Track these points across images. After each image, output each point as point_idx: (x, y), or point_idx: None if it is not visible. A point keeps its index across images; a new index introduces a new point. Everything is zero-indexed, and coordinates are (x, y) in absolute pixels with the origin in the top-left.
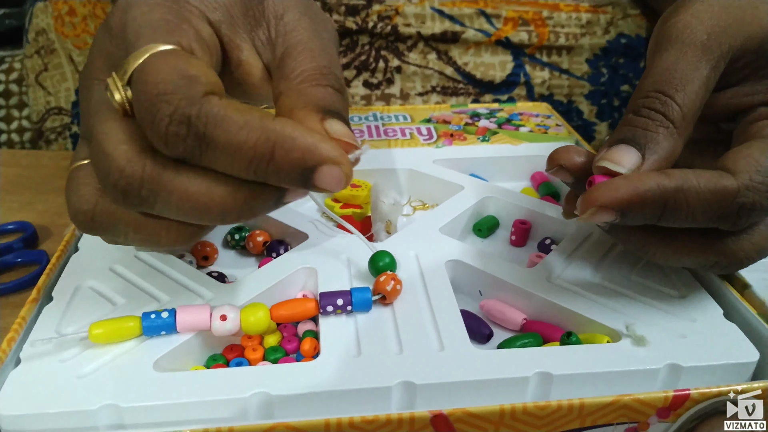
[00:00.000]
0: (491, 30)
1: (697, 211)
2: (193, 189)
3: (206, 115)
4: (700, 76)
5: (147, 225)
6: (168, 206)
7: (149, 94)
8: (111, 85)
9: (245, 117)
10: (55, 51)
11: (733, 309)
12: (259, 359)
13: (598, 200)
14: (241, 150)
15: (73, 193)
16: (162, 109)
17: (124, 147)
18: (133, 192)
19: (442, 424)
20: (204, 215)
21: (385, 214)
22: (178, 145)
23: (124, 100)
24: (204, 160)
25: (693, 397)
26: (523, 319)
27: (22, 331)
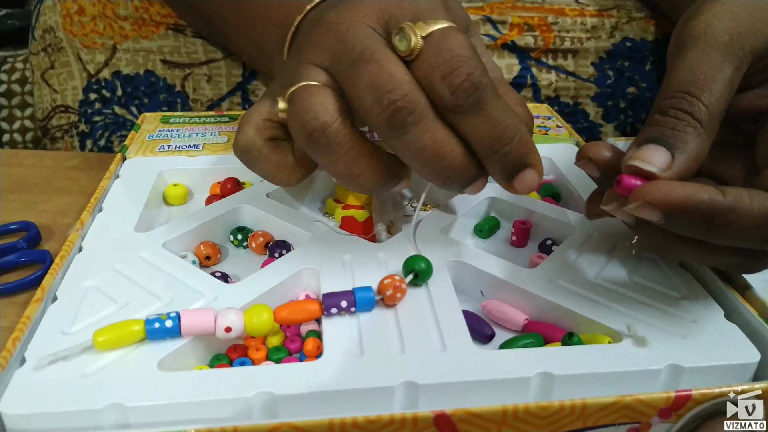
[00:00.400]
0: (497, 34)
1: (745, 233)
2: (442, 136)
3: (490, 88)
4: (724, 76)
5: (362, 161)
6: (416, 141)
7: (453, 52)
8: (408, 30)
9: (507, 104)
10: (62, 49)
11: (734, 310)
12: (262, 359)
13: (648, 195)
14: (497, 126)
15: (318, 103)
16: (463, 67)
17: (408, 78)
18: (403, 115)
19: (445, 423)
20: (431, 162)
21: (388, 214)
22: (460, 98)
23: (417, 46)
24: (465, 119)
25: (694, 398)
26: (525, 319)
27: (26, 331)
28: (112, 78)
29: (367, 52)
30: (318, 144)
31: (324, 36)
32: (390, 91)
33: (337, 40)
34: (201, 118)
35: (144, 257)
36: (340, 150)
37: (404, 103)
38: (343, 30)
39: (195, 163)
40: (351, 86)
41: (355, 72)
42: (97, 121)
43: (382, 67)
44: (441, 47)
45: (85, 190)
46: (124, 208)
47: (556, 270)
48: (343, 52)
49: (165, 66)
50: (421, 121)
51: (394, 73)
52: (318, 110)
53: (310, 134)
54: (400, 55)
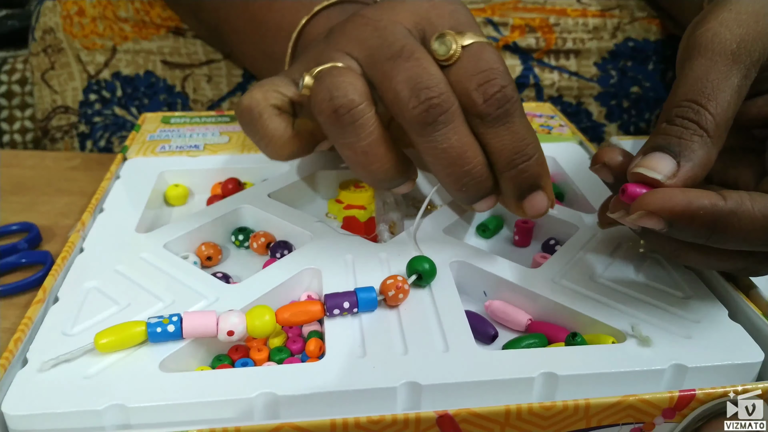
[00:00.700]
0: (498, 36)
1: (748, 236)
2: (469, 140)
3: (519, 103)
4: (732, 85)
5: (380, 147)
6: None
7: (491, 64)
8: (449, 38)
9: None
10: (62, 50)
11: (737, 309)
12: (264, 360)
13: (650, 205)
14: (520, 141)
15: (348, 83)
16: (498, 79)
17: (444, 79)
18: (437, 113)
19: (448, 424)
20: (453, 163)
21: (389, 214)
22: (491, 107)
23: (456, 53)
24: (491, 128)
25: (698, 398)
26: (528, 319)
27: (28, 332)
28: (112, 79)
29: (407, 50)
30: (342, 121)
31: (360, 29)
32: (428, 87)
33: (375, 35)
34: (202, 118)
35: (145, 258)
36: (362, 132)
37: (439, 101)
38: (381, 26)
39: (196, 163)
40: (386, 79)
41: (393, 66)
42: (97, 121)
43: (421, 64)
44: (479, 57)
45: (86, 190)
46: (125, 209)
47: (559, 270)
48: (381, 47)
49: (165, 67)
50: (451, 122)
51: (433, 72)
52: (348, 88)
53: (336, 109)
54: (437, 58)
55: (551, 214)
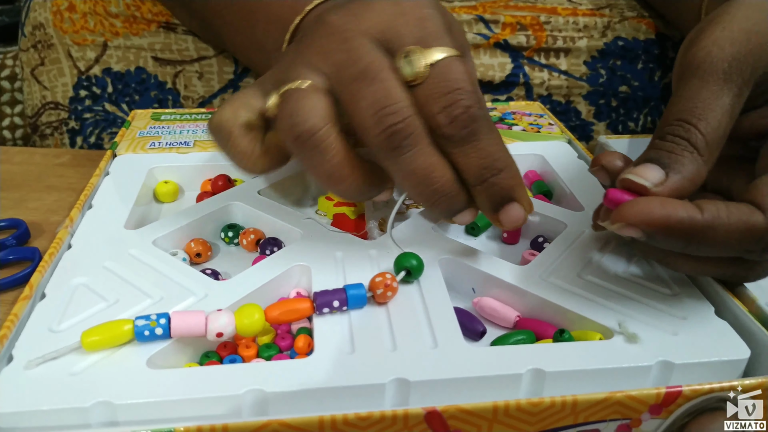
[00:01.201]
0: (489, 34)
1: (722, 246)
2: (435, 161)
3: (485, 122)
4: (723, 104)
5: (347, 166)
6: (409, 163)
7: (457, 84)
8: (416, 56)
9: (500, 138)
10: (53, 46)
11: (724, 306)
12: (252, 356)
13: (628, 218)
14: (487, 157)
15: (310, 107)
16: (463, 100)
17: (409, 103)
18: (401, 137)
19: (436, 420)
20: (422, 184)
21: (379, 212)
22: (456, 129)
23: (421, 73)
24: (457, 148)
25: (685, 394)
26: (516, 316)
27: (14, 328)
28: (102, 75)
29: (371, 70)
30: (304, 147)
31: (326, 40)
32: (392, 113)
33: (341, 48)
34: (192, 115)
35: (134, 254)
36: (325, 155)
37: (403, 126)
38: (347, 38)
39: (186, 160)
40: (351, 101)
41: (357, 88)
42: (88, 118)
43: (385, 87)
44: (445, 78)
45: (75, 187)
46: (114, 206)
47: (547, 267)
48: (346, 64)
49: (156, 63)
50: (416, 145)
51: (396, 95)
52: (309, 113)
53: (297, 136)
54: (402, 78)
55: (541, 212)
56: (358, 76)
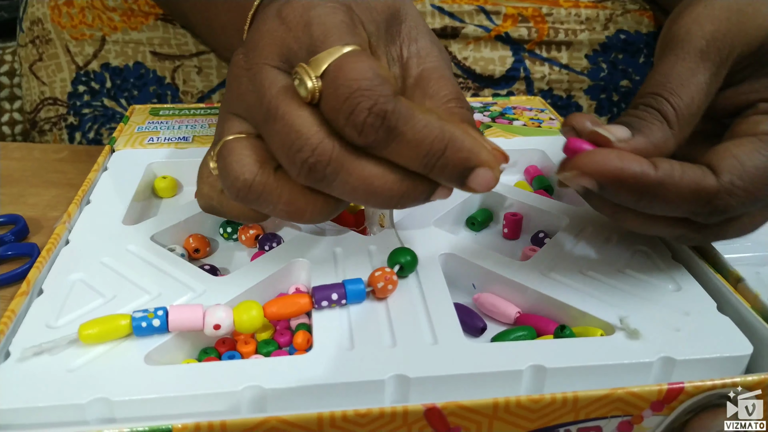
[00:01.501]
0: (491, 26)
1: (672, 205)
2: (368, 173)
3: (399, 111)
4: (698, 81)
5: (298, 200)
6: (344, 186)
7: (351, 87)
8: (302, 74)
9: (427, 117)
10: (51, 41)
11: (726, 302)
12: (251, 353)
13: (583, 166)
14: (421, 145)
15: (236, 162)
16: (363, 102)
17: (316, 129)
18: (320, 169)
19: (436, 417)
20: (371, 198)
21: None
22: (370, 135)
23: (315, 89)
24: (386, 151)
25: (687, 391)
26: (517, 312)
27: (11, 324)
28: (101, 70)
29: (272, 108)
30: (249, 200)
31: (236, 83)
32: (299, 150)
33: (250, 89)
34: (191, 110)
35: (132, 250)
36: (271, 199)
37: (316, 158)
38: (252, 75)
39: (184, 155)
40: (269, 145)
41: (267, 131)
42: (86, 113)
43: (286, 123)
44: (337, 85)
45: (74, 183)
46: (112, 201)
47: (548, 263)
48: (255, 106)
49: (155, 58)
50: (341, 168)
51: (299, 127)
52: (236, 168)
53: (237, 194)
54: (304, 100)
55: (542, 207)
56: (266, 118)
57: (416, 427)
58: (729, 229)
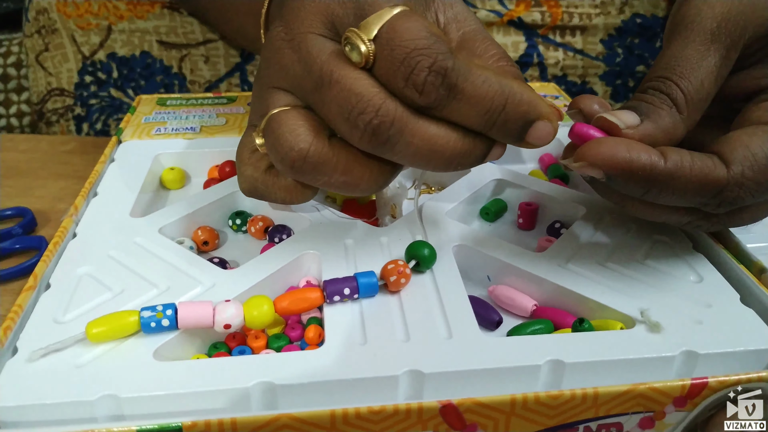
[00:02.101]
0: (503, 11)
1: (680, 196)
2: (432, 133)
3: (458, 68)
4: (708, 64)
5: (354, 168)
6: (407, 147)
7: (407, 48)
8: (354, 38)
9: (486, 73)
10: (56, 31)
11: (750, 294)
12: (262, 347)
13: (591, 157)
14: (482, 101)
15: (289, 132)
16: (422, 61)
17: (376, 90)
18: (384, 130)
19: (452, 414)
20: (432, 159)
21: (390, 198)
22: (431, 94)
23: (369, 53)
24: (446, 109)
25: (711, 386)
26: (534, 305)
27: (18, 320)
28: (107, 60)
29: (326, 74)
30: (304, 171)
31: (280, 54)
32: (362, 112)
33: (295, 59)
34: (198, 99)
35: (140, 243)
36: (327, 169)
37: (380, 119)
38: (296, 46)
39: (192, 146)
40: (323, 113)
41: (321, 98)
42: (93, 104)
43: (344, 87)
44: (393, 46)
45: (82, 174)
46: (120, 193)
47: (565, 254)
48: (303, 76)
49: (161, 47)
50: (404, 128)
51: (359, 89)
52: (290, 139)
53: (291, 165)
54: (357, 65)
55: (557, 197)
56: (317, 86)
57: (431, 424)
58: (737, 218)
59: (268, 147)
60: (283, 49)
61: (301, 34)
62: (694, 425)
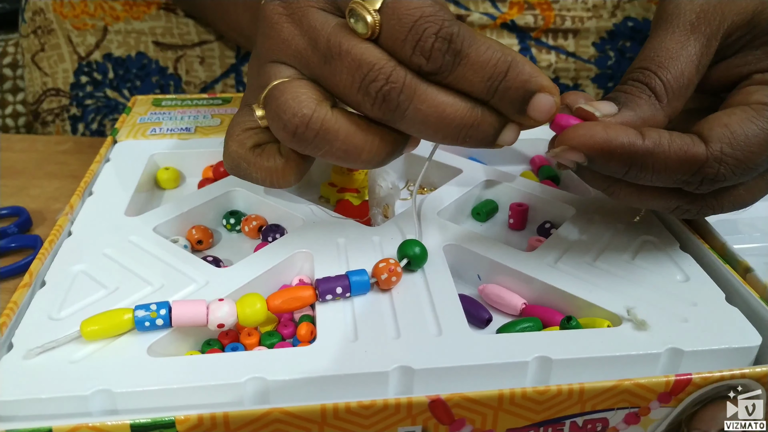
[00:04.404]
0: (496, 13)
1: (661, 175)
2: (441, 100)
3: (464, 34)
4: (688, 53)
5: (356, 136)
6: (416, 114)
7: (414, 15)
8: (359, 10)
9: (489, 40)
10: (53, 31)
11: (735, 293)
12: (254, 344)
13: (570, 141)
14: (485, 66)
15: (292, 99)
16: (429, 28)
17: (385, 58)
18: (393, 96)
19: (440, 409)
20: (441, 127)
21: (383, 198)
22: (438, 60)
23: (375, 23)
24: (451, 75)
25: (695, 382)
26: (523, 303)
27: (14, 316)
28: (103, 60)
29: (334, 46)
30: (305, 139)
31: (276, 29)
32: (372, 80)
33: (296, 33)
34: (193, 100)
35: (134, 241)
36: (329, 136)
37: (389, 87)
38: (297, 20)
39: (187, 146)
40: (331, 84)
41: (329, 71)
42: (89, 104)
43: (354, 57)
44: (400, 15)
45: (77, 174)
46: (115, 192)
47: (554, 253)
48: (308, 49)
49: (157, 48)
50: (413, 95)
51: (369, 58)
52: (293, 105)
53: (294, 132)
54: (362, 36)
55: (548, 198)
56: (324, 57)
57: (420, 419)
58: (725, 201)
59: (269, 116)
60: (282, 24)
61: (301, 8)
62: (678, 421)
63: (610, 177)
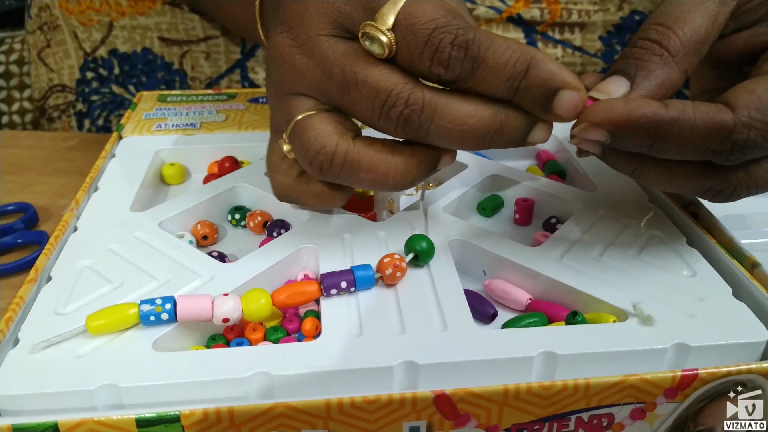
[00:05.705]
0: (502, 7)
1: (688, 145)
2: (462, 112)
3: (479, 39)
4: (705, 9)
5: (379, 164)
6: (439, 130)
7: (428, 28)
8: (373, 31)
9: (507, 41)
10: (58, 27)
11: (742, 288)
12: (259, 339)
13: (591, 117)
14: (504, 67)
15: (315, 137)
16: (444, 38)
17: (402, 81)
18: (415, 118)
19: (445, 404)
20: (467, 138)
21: (388, 193)
22: (456, 68)
23: (391, 42)
24: (471, 80)
25: (701, 378)
26: (528, 298)
27: (20, 311)
28: (109, 56)
29: (349, 76)
30: (332, 173)
31: (290, 62)
32: (393, 105)
33: (310, 64)
34: (198, 96)
35: (140, 237)
36: (353, 168)
37: (410, 109)
38: (309, 50)
39: (192, 141)
40: (353, 112)
41: (348, 100)
42: (95, 100)
43: (371, 85)
44: (415, 31)
45: (83, 170)
46: (120, 188)
47: (560, 249)
48: (324, 81)
49: (162, 43)
50: (434, 113)
51: (385, 85)
52: (316, 144)
53: (320, 168)
54: (378, 57)
55: (554, 193)
56: (341, 88)
57: (425, 414)
58: (758, 177)
59: (295, 152)
60: (294, 56)
61: (310, 38)
62: (685, 417)
63: (637, 158)
